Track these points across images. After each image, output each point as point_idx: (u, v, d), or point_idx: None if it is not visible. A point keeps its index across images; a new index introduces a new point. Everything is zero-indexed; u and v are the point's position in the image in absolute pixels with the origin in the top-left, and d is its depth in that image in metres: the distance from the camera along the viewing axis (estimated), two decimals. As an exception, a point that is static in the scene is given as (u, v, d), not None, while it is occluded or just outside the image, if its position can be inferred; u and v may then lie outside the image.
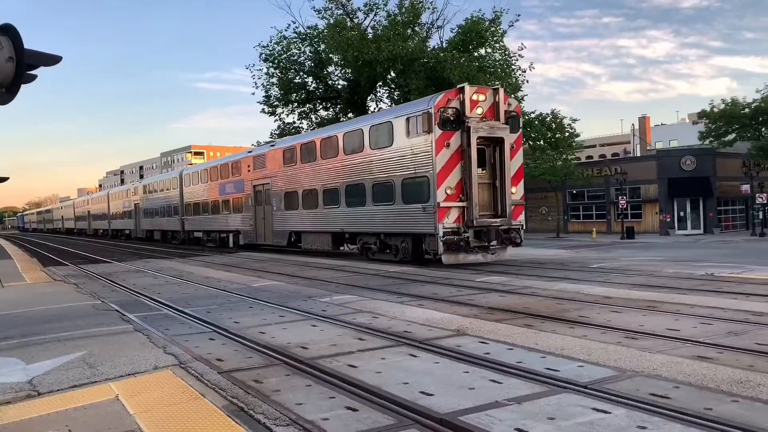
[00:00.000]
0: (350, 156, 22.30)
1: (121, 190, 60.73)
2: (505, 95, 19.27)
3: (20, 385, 6.61)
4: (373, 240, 21.32)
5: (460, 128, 18.19)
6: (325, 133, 25.25)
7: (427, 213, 18.18)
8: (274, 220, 28.03)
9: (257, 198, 29.87)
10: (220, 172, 34.83)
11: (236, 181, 32.36)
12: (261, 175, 29.45)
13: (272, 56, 42.80)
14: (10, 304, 13.66)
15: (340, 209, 22.83)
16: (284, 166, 27.26)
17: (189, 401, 5.80)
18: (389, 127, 20.20)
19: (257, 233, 29.92)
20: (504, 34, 39.59)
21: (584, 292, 12.12)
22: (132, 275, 19.92)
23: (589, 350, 7.26)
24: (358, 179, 21.75)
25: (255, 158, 30.51)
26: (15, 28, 4.84)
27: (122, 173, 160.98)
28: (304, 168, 25.56)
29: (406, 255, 19.76)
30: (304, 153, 25.69)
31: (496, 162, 18.97)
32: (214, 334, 9.29)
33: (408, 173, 19.16)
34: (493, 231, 18.38)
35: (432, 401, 5.53)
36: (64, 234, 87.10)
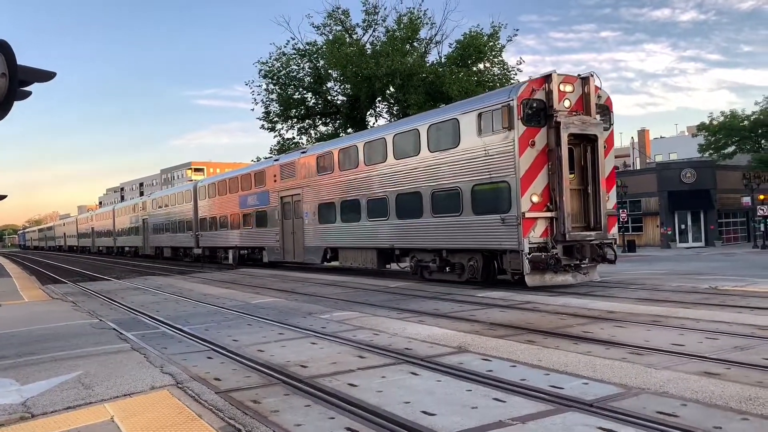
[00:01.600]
0: (402, 161, 19.48)
1: (128, 205, 58.38)
2: (596, 85, 16.36)
3: (14, 407, 6.47)
4: (431, 257, 18.56)
5: (546, 124, 15.49)
6: (369, 136, 22.33)
7: (508, 225, 15.42)
8: (306, 235, 25.23)
9: (285, 211, 27.20)
10: (241, 183, 31.91)
11: (260, 192, 29.51)
12: (290, 185, 26.69)
13: (271, 72, 42.90)
14: (6, 323, 13.51)
15: (388, 222, 19.99)
16: (318, 175, 24.40)
17: (185, 422, 5.66)
18: (454, 125, 17.39)
19: (285, 249, 27.18)
20: (502, 48, 39.71)
21: (587, 307, 11.99)
22: (131, 293, 19.78)
23: (593, 366, 7.13)
24: (412, 187, 18.93)
25: (282, 167, 27.59)
26: (8, 45, 4.78)
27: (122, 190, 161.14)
28: (342, 176, 22.70)
29: (474, 274, 16.95)
30: (343, 159, 22.82)
31: (587, 164, 16.23)
32: (213, 352, 9.16)
33: (480, 178, 16.34)
34: (587, 246, 15.58)
35: (434, 421, 5.39)
36: (67, 252, 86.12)
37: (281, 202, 27.41)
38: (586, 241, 15.57)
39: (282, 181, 27.39)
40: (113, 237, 59.75)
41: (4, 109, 4.81)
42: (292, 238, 26.46)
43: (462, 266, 17.38)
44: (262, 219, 29.21)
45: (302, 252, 25.56)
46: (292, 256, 26.66)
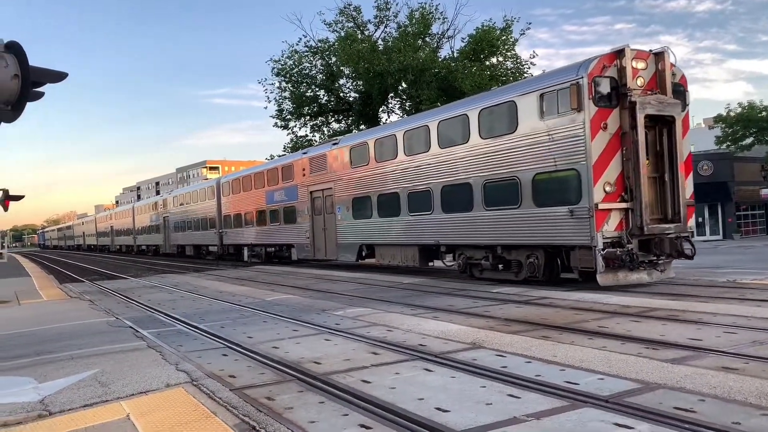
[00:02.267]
0: (448, 149, 17.78)
1: (148, 203, 56.80)
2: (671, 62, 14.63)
3: (32, 405, 6.55)
4: (483, 254, 16.94)
5: (618, 104, 14.00)
6: (409, 124, 20.40)
7: (578, 218, 13.84)
8: (339, 231, 23.72)
9: (315, 206, 25.73)
10: (267, 177, 30.48)
11: (288, 187, 28.04)
12: (320, 179, 25.13)
13: (284, 70, 43.00)
14: (25, 322, 13.69)
15: (433, 216, 18.43)
16: (352, 167, 22.77)
17: (200, 420, 5.69)
18: (510, 108, 15.68)
19: (315, 247, 25.76)
20: (515, 42, 39.46)
21: (603, 302, 11.89)
22: (147, 291, 19.94)
23: (609, 362, 7.07)
24: (461, 178, 17.26)
25: (312, 160, 26.01)
26: (20, 45, 4.82)
27: (139, 189, 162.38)
28: (379, 168, 21.08)
29: (534, 272, 15.30)
30: (380, 150, 21.14)
31: (663, 148, 14.62)
32: (227, 349, 9.20)
33: (543, 167, 14.69)
34: (665, 241, 14.07)
35: (448, 418, 5.37)
36: (86, 251, 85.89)
37: (311, 197, 25.94)
38: (664, 235, 14.11)
39: (312, 175, 25.89)
40: (133, 236, 58.93)
41: (16, 110, 4.84)
42: (323, 235, 25.08)
43: (519, 264, 15.84)
44: (291, 215, 27.82)
45: (335, 249, 24.17)
46: (323, 254, 25.33)
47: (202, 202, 39.83)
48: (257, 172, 32.35)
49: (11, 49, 4.77)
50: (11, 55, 4.76)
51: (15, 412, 6.33)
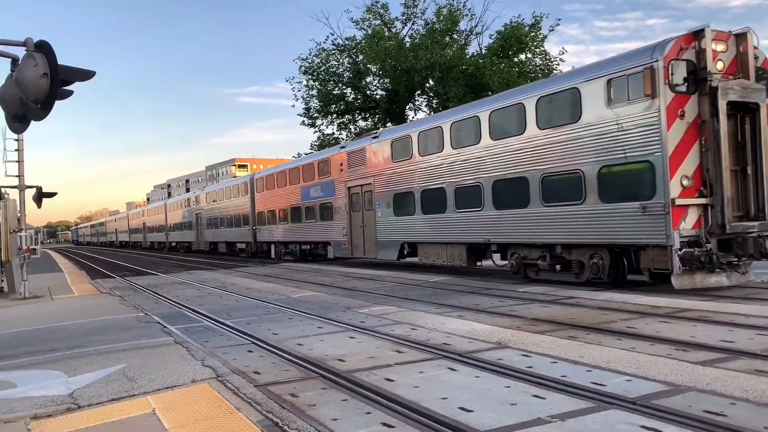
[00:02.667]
0: (501, 141, 16.69)
1: (181, 200, 56.65)
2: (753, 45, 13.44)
3: (61, 398, 6.67)
4: (539, 253, 15.83)
5: (697, 90, 12.88)
6: (457, 115, 19.11)
7: (652, 214, 12.76)
8: (379, 228, 22.66)
9: (353, 202, 24.71)
10: (303, 173, 29.60)
11: (324, 183, 27.14)
12: (359, 175, 24.09)
13: (311, 68, 43.24)
14: (57, 317, 13.97)
15: (483, 213, 17.35)
16: (394, 161, 21.70)
17: (224, 416, 5.74)
18: (573, 97, 14.56)
19: (353, 245, 24.75)
20: (544, 38, 39.13)
21: (631, 302, 11.69)
22: (176, 287, 20.20)
23: (637, 363, 6.94)
24: (515, 172, 16.14)
25: (350, 154, 24.94)
26: (49, 45, 4.89)
27: (169, 186, 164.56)
28: (423, 162, 20.00)
29: (598, 274, 14.18)
30: (424, 143, 20.10)
31: (746, 139, 13.34)
32: (253, 346, 9.27)
33: (611, 158, 13.57)
34: (748, 240, 12.82)
35: (471, 418, 5.33)
36: (118, 247, 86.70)
37: (349, 193, 24.92)
38: (746, 234, 12.86)
39: (350, 170, 24.85)
40: (165, 232, 58.84)
41: (45, 108, 4.92)
42: (361, 233, 24.04)
43: (581, 264, 14.74)
44: (327, 212, 26.92)
45: (374, 247, 23.10)
46: (361, 252, 24.28)
47: (235, 198, 39.29)
48: (292, 168, 31.55)
49: (41, 49, 4.85)
50: (41, 54, 4.84)
51: (45, 404, 6.45)
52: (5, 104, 5.22)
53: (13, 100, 5.12)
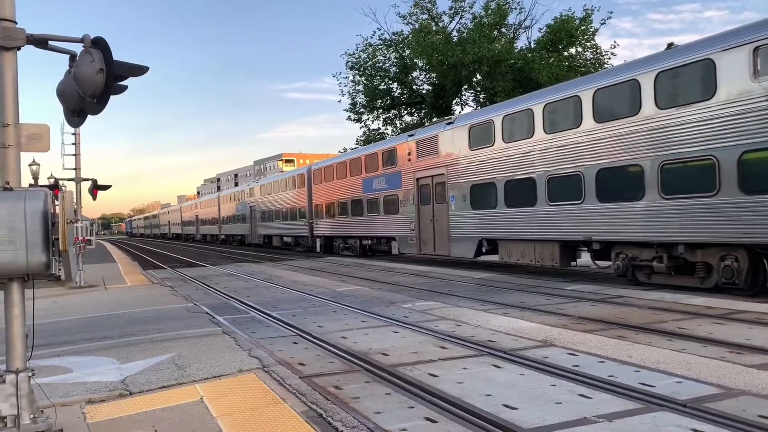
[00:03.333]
0: (608, 124, 14.56)
1: (234, 192, 55.56)
2: None
3: (114, 384, 6.90)
4: (653, 254, 13.72)
5: None
6: (550, 95, 16.91)
7: None
8: (452, 223, 20.64)
9: (422, 194, 22.78)
10: (365, 164, 27.75)
11: (389, 174, 25.31)
12: (430, 164, 22.17)
13: (358, 64, 43.39)
14: (111, 306, 14.44)
15: (583, 206, 15.25)
16: (472, 149, 19.64)
17: (270, 405, 5.83)
18: (704, 69, 12.55)
19: (422, 240, 22.78)
20: (596, 32, 38.29)
21: (683, 302, 11.37)
22: (224, 279, 20.61)
23: (688, 365, 6.75)
24: (626, 159, 14.07)
25: (420, 143, 22.99)
26: (105, 41, 5.03)
27: (218, 180, 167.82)
28: (508, 149, 17.87)
29: (732, 278, 12.16)
30: (510, 128, 17.99)
31: None
32: (298, 338, 9.39)
33: (757, 142, 11.53)
34: None
35: (515, 415, 5.28)
36: (170, 239, 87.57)
37: (417, 185, 23.04)
38: None
39: (419, 160, 22.96)
40: (218, 225, 58.17)
41: (101, 103, 5.08)
42: (431, 227, 22.10)
43: (707, 267, 12.81)
44: (392, 204, 25.08)
45: (446, 243, 21.11)
46: (431, 249, 22.28)
47: (291, 190, 38.04)
48: (353, 158, 29.79)
49: (97, 45, 5.00)
50: (97, 50, 4.98)
51: (99, 390, 6.68)
52: (64, 99, 5.41)
53: (71, 95, 5.29)
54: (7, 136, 4.88)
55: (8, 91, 4.89)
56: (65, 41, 5.14)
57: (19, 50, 4.94)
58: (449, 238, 20.88)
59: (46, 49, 5.13)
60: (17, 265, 4.73)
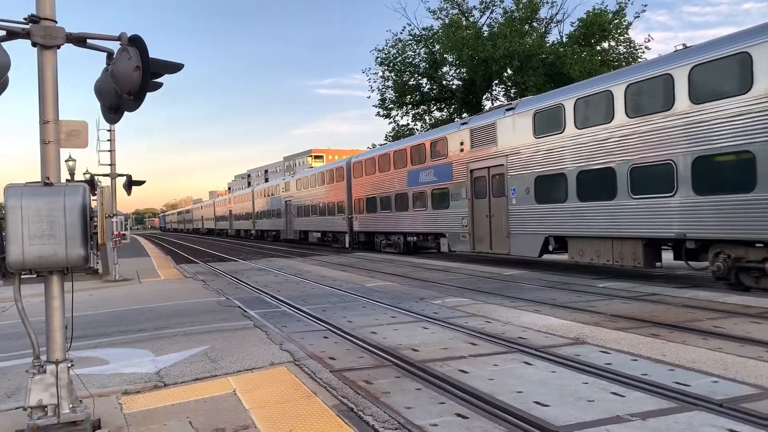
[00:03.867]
0: (706, 105, 12.71)
1: (269, 186, 54.55)
2: None
3: (149, 376, 7.03)
4: (764, 254, 12.00)
5: None
6: (636, 74, 14.97)
7: None
8: (513, 218, 18.91)
9: (477, 187, 21.03)
10: (411, 155, 26.07)
11: (438, 165, 23.57)
12: (486, 154, 20.40)
13: (387, 59, 43.38)
14: (145, 299, 14.71)
15: (676, 199, 13.45)
16: (537, 137, 17.85)
17: (301, 399, 5.89)
18: None
19: (476, 237, 20.98)
20: (629, 26, 37.68)
21: (719, 300, 11.15)
22: (255, 273, 20.83)
23: (724, 364, 6.62)
24: (732, 145, 12.22)
25: (474, 131, 21.17)
26: (142, 39, 5.12)
27: (249, 176, 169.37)
28: (582, 136, 16.03)
29: None
30: (584, 112, 16.17)
31: None
32: (328, 332, 9.45)
33: None
34: None
35: (547, 413, 5.24)
36: (204, 234, 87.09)
37: (471, 177, 21.27)
38: None
39: (473, 150, 21.19)
40: (252, 220, 57.27)
41: (138, 100, 5.17)
42: (488, 223, 20.35)
43: None
44: (442, 199, 23.39)
45: (504, 241, 19.35)
46: (486, 246, 20.47)
47: (329, 184, 36.49)
48: (398, 150, 27.99)
49: (134, 43, 5.09)
50: (134, 48, 5.07)
51: (134, 381, 6.83)
52: (102, 96, 5.52)
53: (108, 92, 5.41)
54: (48, 132, 5.00)
55: (48, 89, 5.01)
56: (103, 39, 5.25)
57: (58, 48, 5.06)
58: (509, 234, 19.18)
59: (84, 47, 5.24)
60: (57, 258, 4.85)
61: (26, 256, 4.78)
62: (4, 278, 5.14)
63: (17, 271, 4.89)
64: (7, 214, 4.79)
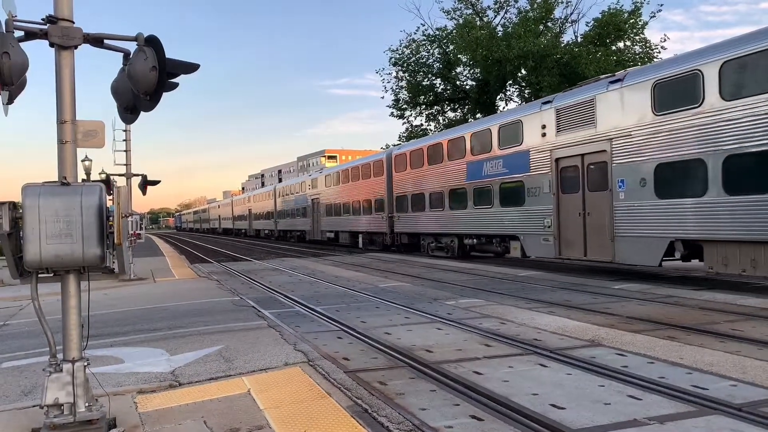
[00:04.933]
0: None
1: (293, 184, 50.41)
2: None
3: (164, 375, 7.06)
4: None
5: None
6: None
7: None
8: (620, 216, 15.18)
9: (566, 179, 17.27)
10: (470, 144, 22.27)
11: (510, 154, 19.74)
12: (578, 139, 16.61)
13: (401, 60, 43.37)
14: (159, 298, 14.79)
15: None
16: (657, 114, 14.22)
17: (315, 399, 5.88)
18: None
19: (563, 240, 17.15)
20: (645, 25, 37.34)
21: (737, 303, 11.01)
22: (269, 273, 20.88)
23: (743, 368, 6.53)
24: None
25: (563, 112, 17.33)
26: (158, 40, 5.14)
27: (263, 176, 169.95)
28: (731, 109, 12.48)
29: None
30: (735, 78, 12.61)
31: None
32: (342, 332, 9.44)
33: None
34: None
35: (563, 415, 5.20)
36: (220, 234, 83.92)
37: (557, 167, 17.57)
38: None
39: (560, 134, 17.42)
40: (274, 220, 54.04)
41: (154, 100, 5.19)
42: (580, 222, 16.58)
43: None
44: (514, 193, 19.57)
45: (607, 245, 15.54)
46: (579, 251, 16.64)
47: (364, 180, 33.08)
48: (453, 139, 24.05)
49: (150, 43, 5.11)
50: (150, 48, 5.10)
51: (149, 380, 6.86)
52: (118, 96, 5.55)
53: (125, 92, 5.43)
54: (65, 132, 5.03)
55: (66, 90, 5.04)
56: (120, 40, 5.27)
57: (76, 49, 5.09)
58: (613, 237, 15.34)
59: (101, 47, 5.27)
60: (74, 257, 4.88)
61: (43, 256, 4.81)
62: (22, 277, 5.18)
63: (34, 270, 4.93)
64: (25, 214, 4.83)
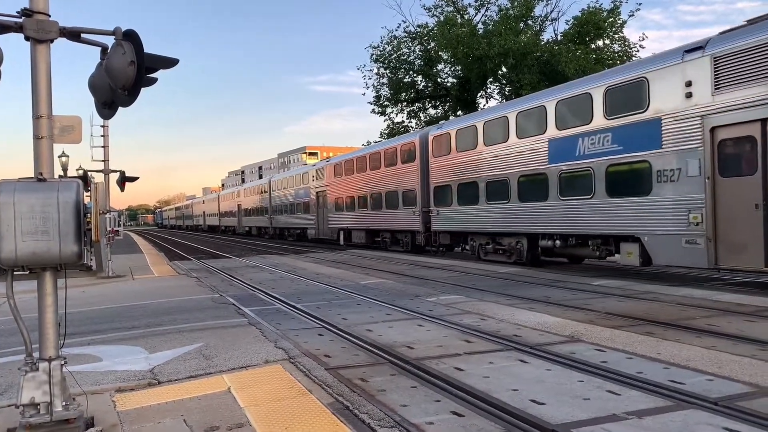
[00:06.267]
0: None
1: (293, 175, 44.74)
2: None
3: (143, 374, 6.99)
4: None
5: None
6: None
7: None
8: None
9: (729, 158, 12.25)
10: (556, 114, 16.72)
11: (626, 125, 14.35)
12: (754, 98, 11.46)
13: (383, 56, 43.31)
14: (138, 296, 14.64)
15: None
16: None
17: (296, 397, 5.86)
18: None
19: (724, 243, 12.09)
20: (624, 24, 37.73)
21: (713, 299, 11.18)
22: (249, 270, 20.77)
23: (719, 362, 6.63)
24: None
25: (721, 61, 12.13)
26: (136, 34, 5.07)
27: (243, 173, 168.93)
28: None
29: None
30: None
31: None
32: (323, 329, 9.43)
33: None
34: None
35: (543, 411, 5.23)
36: (205, 232, 78.23)
37: (713, 141, 12.42)
38: None
39: (719, 93, 12.18)
40: (268, 216, 49.30)
41: (132, 95, 5.13)
42: (756, 218, 11.60)
43: None
44: (633, 179, 14.28)
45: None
46: (756, 259, 11.51)
47: (388, 168, 27.79)
48: (526, 110, 18.29)
49: (128, 38, 5.04)
50: (128, 43, 5.03)
51: (128, 379, 6.78)
52: (96, 91, 5.47)
53: (102, 87, 5.36)
54: (41, 127, 4.95)
55: (42, 84, 4.95)
56: (97, 34, 5.19)
57: (52, 43, 5.01)
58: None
59: (78, 41, 5.18)
60: (51, 254, 4.80)
61: (19, 253, 4.73)
62: (-3, 275, 5.09)
63: (10, 267, 4.84)
64: (0, 210, 4.74)
